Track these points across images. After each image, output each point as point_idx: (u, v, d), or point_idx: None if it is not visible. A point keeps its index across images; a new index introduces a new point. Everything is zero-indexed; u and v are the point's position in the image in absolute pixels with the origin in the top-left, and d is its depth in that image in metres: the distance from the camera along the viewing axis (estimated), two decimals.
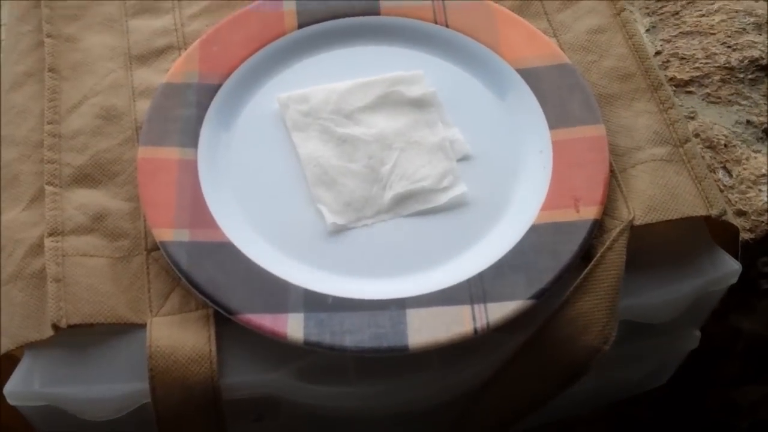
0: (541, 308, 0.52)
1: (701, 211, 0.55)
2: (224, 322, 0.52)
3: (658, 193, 0.55)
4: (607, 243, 0.53)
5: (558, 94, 0.60)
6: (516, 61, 0.62)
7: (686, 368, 0.68)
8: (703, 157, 0.67)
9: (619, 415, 0.78)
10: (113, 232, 0.56)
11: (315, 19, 0.64)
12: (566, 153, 0.57)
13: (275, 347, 0.51)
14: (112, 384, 0.51)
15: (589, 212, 0.54)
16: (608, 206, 0.55)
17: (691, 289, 0.55)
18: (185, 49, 0.64)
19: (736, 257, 0.56)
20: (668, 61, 0.73)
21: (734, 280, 0.56)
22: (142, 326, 0.52)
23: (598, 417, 0.78)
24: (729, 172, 0.66)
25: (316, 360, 0.52)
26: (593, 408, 0.74)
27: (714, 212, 0.55)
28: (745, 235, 0.63)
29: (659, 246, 0.55)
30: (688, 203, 0.55)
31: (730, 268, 0.55)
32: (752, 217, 0.63)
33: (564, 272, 0.52)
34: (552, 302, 0.52)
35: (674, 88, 0.71)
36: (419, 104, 0.61)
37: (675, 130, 0.59)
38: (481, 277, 0.53)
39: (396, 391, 0.53)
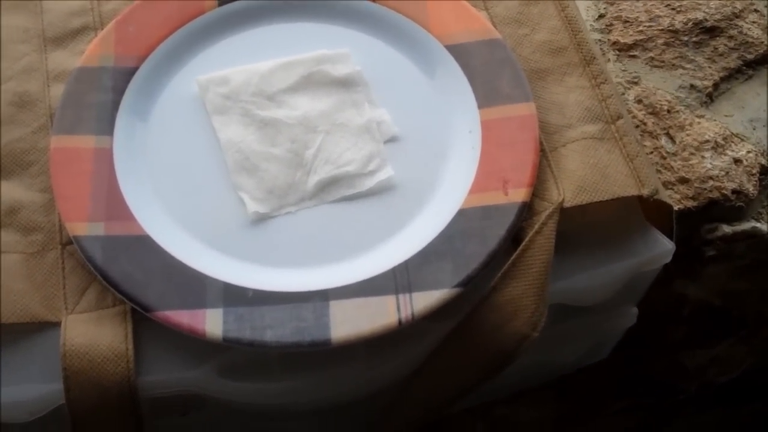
0: (468, 295, 0.50)
1: (632, 191, 0.53)
2: (142, 318, 0.50)
3: (589, 173, 0.54)
4: (536, 226, 0.51)
5: (488, 71, 0.58)
6: (445, 37, 0.59)
7: (633, 334, 0.68)
8: (645, 123, 0.65)
9: (567, 381, 0.77)
10: (26, 226, 0.53)
11: None
12: (495, 133, 0.55)
13: (195, 344, 0.50)
14: (26, 385, 0.49)
15: (518, 195, 0.53)
16: (538, 187, 0.54)
17: (624, 271, 0.54)
18: (102, 29, 0.61)
19: (670, 235, 0.54)
20: (612, 25, 0.71)
21: (668, 259, 0.54)
22: (58, 324, 0.50)
23: (546, 385, 0.78)
24: (672, 139, 0.65)
25: (238, 355, 0.50)
26: (537, 382, 0.73)
27: (645, 192, 0.53)
28: (688, 203, 0.62)
29: (591, 227, 0.54)
30: (620, 183, 0.53)
31: (663, 247, 0.54)
32: (695, 185, 0.62)
33: (491, 258, 0.51)
34: (480, 289, 0.50)
35: (618, 52, 0.69)
36: (345, 84, 0.58)
37: (607, 106, 0.57)
38: (406, 265, 0.51)
39: (322, 384, 0.51)
